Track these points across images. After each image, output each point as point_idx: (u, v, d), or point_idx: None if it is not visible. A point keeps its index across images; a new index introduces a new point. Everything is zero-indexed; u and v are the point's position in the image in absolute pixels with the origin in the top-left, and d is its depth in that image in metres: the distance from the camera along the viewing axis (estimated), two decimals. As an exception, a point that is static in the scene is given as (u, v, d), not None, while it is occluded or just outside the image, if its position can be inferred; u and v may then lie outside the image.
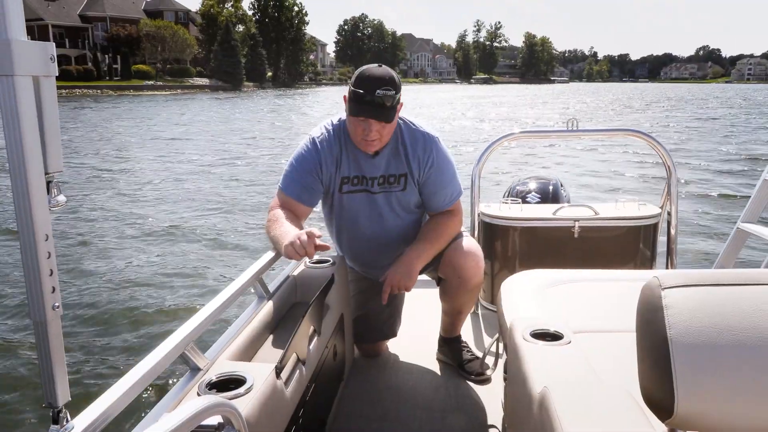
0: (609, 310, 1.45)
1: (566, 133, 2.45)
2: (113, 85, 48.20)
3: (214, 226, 6.75)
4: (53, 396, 0.74)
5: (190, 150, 14.17)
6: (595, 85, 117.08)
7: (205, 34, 62.96)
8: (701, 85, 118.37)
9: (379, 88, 1.60)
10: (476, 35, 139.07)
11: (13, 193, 0.69)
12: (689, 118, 24.99)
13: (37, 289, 0.70)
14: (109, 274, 4.98)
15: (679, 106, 34.52)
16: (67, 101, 34.91)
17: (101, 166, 11.20)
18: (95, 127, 19.35)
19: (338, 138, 1.79)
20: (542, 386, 0.92)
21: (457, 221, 1.88)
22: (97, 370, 3.29)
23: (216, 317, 1.19)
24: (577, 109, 30.52)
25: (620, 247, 2.42)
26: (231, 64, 58.85)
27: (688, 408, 0.65)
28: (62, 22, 52.97)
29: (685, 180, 9.37)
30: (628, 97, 46.98)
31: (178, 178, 10.13)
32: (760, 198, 2.08)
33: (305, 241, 1.44)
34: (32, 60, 0.67)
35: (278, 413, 1.11)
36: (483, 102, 40.70)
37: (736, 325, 0.66)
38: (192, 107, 32.01)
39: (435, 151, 1.81)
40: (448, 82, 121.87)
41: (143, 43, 54.61)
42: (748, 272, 0.71)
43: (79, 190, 8.82)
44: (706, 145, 14.85)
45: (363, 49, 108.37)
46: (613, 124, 22.07)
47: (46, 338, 0.72)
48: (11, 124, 0.66)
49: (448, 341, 2.05)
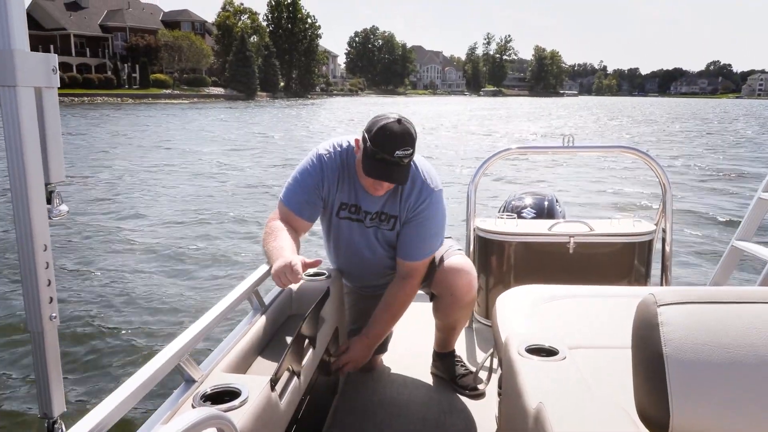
0: (604, 326, 1.44)
1: (562, 149, 2.44)
2: (132, 93, 48.87)
3: (210, 237, 6.65)
4: (48, 407, 0.73)
5: (204, 158, 14.25)
6: (605, 99, 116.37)
7: (221, 44, 63.73)
8: (711, 100, 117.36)
9: (398, 149, 1.55)
10: (486, 48, 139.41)
11: (12, 203, 0.69)
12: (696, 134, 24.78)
13: (34, 299, 0.70)
14: (106, 284, 4.91)
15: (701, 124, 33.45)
16: (92, 108, 35.42)
17: (111, 175, 11.20)
18: (117, 135, 19.59)
19: (344, 163, 1.75)
20: (537, 402, 0.92)
21: (415, 287, 1.83)
22: (92, 381, 3.26)
23: (211, 329, 1.19)
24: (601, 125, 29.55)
25: (615, 263, 2.41)
26: (245, 74, 59.45)
27: (683, 424, 0.65)
28: (84, 32, 53.94)
29: (681, 196, 9.29)
30: (645, 115, 44.17)
31: (183, 187, 10.09)
32: (755, 216, 2.07)
33: (290, 273, 1.43)
34: (34, 71, 0.67)
35: (273, 426, 1.11)
36: (491, 115, 40.52)
37: (731, 343, 0.65)
38: (209, 115, 32.34)
39: (427, 203, 1.76)
40: (458, 94, 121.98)
41: (161, 53, 55.44)
42: (743, 290, 0.71)
43: (80, 200, 8.69)
44: (702, 162, 14.74)
45: (373, 61, 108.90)
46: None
47: (43, 348, 0.72)
48: (13, 135, 0.66)
49: (442, 356, 2.05)
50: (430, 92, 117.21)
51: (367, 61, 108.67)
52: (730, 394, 0.63)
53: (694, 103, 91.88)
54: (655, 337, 0.67)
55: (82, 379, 3.27)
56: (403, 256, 1.80)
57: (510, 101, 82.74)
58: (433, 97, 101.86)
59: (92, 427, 0.81)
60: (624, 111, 46.29)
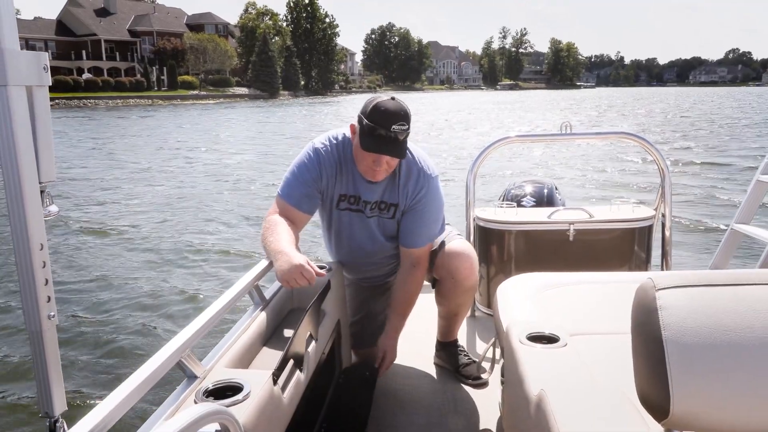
0: (604, 312, 1.42)
1: (560, 137, 2.39)
2: (162, 95, 49.79)
3: (210, 232, 6.57)
4: (49, 406, 0.72)
5: (231, 152, 14.38)
6: (619, 91, 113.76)
7: (243, 46, 64.17)
8: (731, 89, 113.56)
9: (394, 124, 1.56)
10: (502, 42, 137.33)
11: (7, 203, 0.67)
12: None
13: (32, 299, 0.69)
14: (105, 282, 4.82)
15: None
16: (129, 110, 36.11)
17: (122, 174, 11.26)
18: (153, 130, 19.97)
19: (340, 154, 1.75)
20: (539, 389, 0.92)
21: (422, 274, 1.84)
22: (93, 379, 3.22)
23: (212, 325, 1.17)
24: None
25: (615, 249, 2.37)
26: (268, 74, 59.84)
27: (684, 408, 0.64)
28: (113, 37, 54.97)
29: (681, 181, 9.07)
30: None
31: (192, 183, 10.11)
32: (754, 199, 2.02)
33: (301, 278, 1.43)
34: (25, 70, 0.65)
35: (276, 420, 1.10)
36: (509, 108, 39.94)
37: (730, 325, 0.64)
38: (237, 114, 32.72)
39: (426, 189, 1.75)
40: (474, 88, 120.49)
41: (187, 55, 56.15)
42: (742, 273, 0.70)
43: (82, 197, 8.67)
44: (701, 146, 14.32)
45: (390, 57, 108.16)
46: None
47: (42, 348, 0.70)
48: (5, 134, 0.65)
49: (445, 345, 2.04)
50: (446, 87, 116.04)
51: (384, 58, 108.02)
52: (730, 377, 0.63)
53: (710, 92, 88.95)
54: (655, 321, 0.66)
55: (83, 378, 3.23)
56: (407, 243, 1.81)
57: (526, 94, 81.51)
58: (449, 92, 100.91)
59: (94, 425, 0.79)
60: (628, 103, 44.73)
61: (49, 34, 52.63)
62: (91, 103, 42.11)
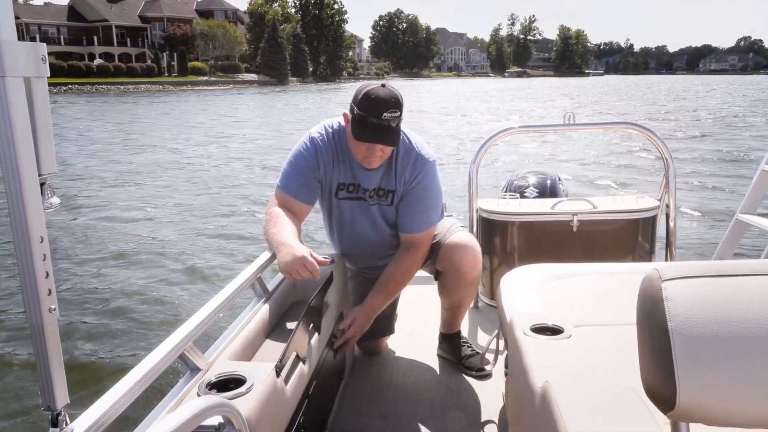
0: (609, 303, 1.40)
1: (564, 127, 2.36)
2: (173, 81, 49.76)
3: (213, 224, 6.48)
4: (52, 399, 0.71)
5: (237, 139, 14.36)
6: (626, 79, 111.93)
7: (252, 32, 63.73)
8: (742, 77, 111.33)
9: (385, 111, 1.54)
10: (510, 29, 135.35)
11: (6, 196, 0.65)
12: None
13: (33, 292, 0.68)
14: (107, 274, 4.77)
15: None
16: (140, 96, 36.13)
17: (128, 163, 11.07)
18: (167, 115, 19.90)
19: (337, 143, 1.73)
20: (543, 380, 0.91)
21: (420, 258, 1.80)
22: (95, 372, 3.19)
23: (215, 317, 1.16)
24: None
25: (619, 240, 2.34)
26: (277, 60, 59.51)
27: (690, 400, 0.63)
28: (124, 23, 54.79)
29: (685, 172, 8.94)
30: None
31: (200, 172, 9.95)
32: (759, 189, 1.99)
33: (304, 270, 1.41)
34: (23, 61, 0.64)
35: (279, 412, 1.09)
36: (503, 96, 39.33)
37: (736, 316, 0.63)
38: (249, 100, 32.59)
39: (423, 174, 1.73)
40: (482, 75, 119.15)
41: (197, 41, 55.92)
42: (747, 263, 0.68)
43: (82, 188, 8.45)
44: (705, 137, 14.08)
45: (398, 44, 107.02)
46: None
47: (43, 341, 0.70)
48: (3, 126, 0.63)
49: (448, 337, 2.03)
50: (454, 74, 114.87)
51: (392, 45, 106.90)
52: (736, 368, 0.62)
53: (721, 79, 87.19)
54: (660, 312, 0.65)
55: (85, 371, 3.20)
56: (406, 228, 1.79)
57: (535, 82, 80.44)
58: (457, 79, 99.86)
59: (97, 417, 0.79)
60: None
61: (60, 19, 52.55)
62: (104, 89, 42.17)
